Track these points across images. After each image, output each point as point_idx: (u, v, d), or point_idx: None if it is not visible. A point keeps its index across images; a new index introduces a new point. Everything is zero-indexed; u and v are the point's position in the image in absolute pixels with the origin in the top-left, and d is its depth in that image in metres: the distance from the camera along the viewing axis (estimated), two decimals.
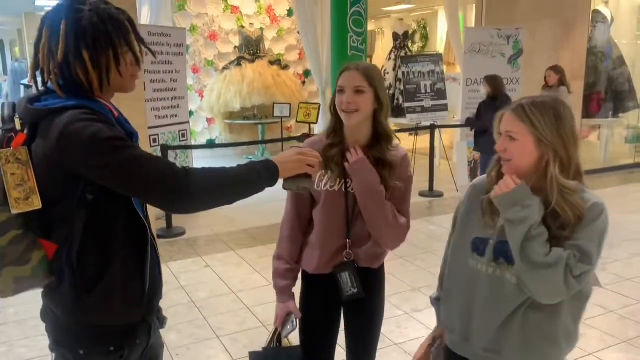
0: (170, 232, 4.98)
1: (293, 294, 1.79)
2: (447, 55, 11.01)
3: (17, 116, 1.25)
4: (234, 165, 1.31)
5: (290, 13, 8.93)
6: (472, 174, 6.29)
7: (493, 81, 5.54)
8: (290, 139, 7.45)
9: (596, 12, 7.67)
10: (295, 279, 1.81)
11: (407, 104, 7.14)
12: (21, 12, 13.76)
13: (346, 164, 1.64)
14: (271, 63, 8.57)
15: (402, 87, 8.13)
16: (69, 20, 1.21)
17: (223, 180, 1.27)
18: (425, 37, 12.65)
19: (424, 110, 7.04)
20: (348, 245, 1.70)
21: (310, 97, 8.95)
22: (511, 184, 1.31)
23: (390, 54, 9.70)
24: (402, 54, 9.23)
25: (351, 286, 1.69)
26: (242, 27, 8.73)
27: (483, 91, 5.54)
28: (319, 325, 1.81)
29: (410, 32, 11.19)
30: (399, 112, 8.81)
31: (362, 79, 1.61)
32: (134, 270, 1.33)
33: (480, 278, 1.40)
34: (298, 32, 8.25)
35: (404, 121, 7.99)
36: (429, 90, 7.10)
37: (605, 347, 2.91)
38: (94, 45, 1.23)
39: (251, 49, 8.55)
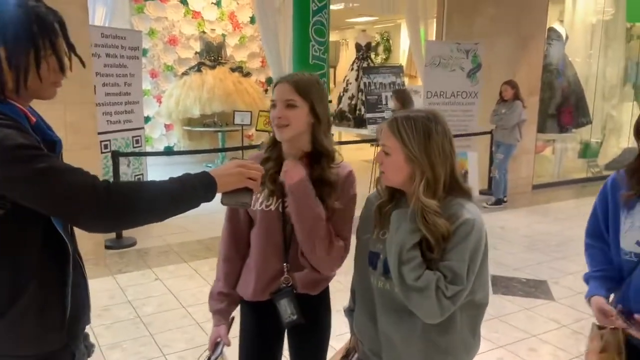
0: (120, 242, 4.76)
1: (228, 318, 1.69)
2: (409, 68, 11.14)
3: None
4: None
5: (252, 20, 8.83)
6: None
7: (402, 95, 5.58)
8: (250, 147, 7.32)
9: (551, 29, 7.89)
10: (233, 302, 1.70)
11: (368, 115, 7.14)
12: None
13: (283, 179, 1.54)
14: (232, 70, 8.43)
15: (363, 98, 8.14)
16: None
17: (153, 196, 1.16)
18: (388, 50, 12.79)
19: (385, 121, 7.05)
20: (286, 270, 1.59)
21: None
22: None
23: (352, 64, 9.73)
24: (365, 64, 9.26)
25: (290, 313, 1.59)
26: (204, 32, 8.57)
27: (391, 105, 5.63)
28: (257, 354, 1.71)
29: (373, 43, 11.28)
30: (361, 122, 8.81)
31: (294, 92, 1.52)
32: (52, 294, 1.19)
33: (376, 291, 1.43)
34: (260, 40, 8.16)
35: (365, 132, 7.99)
36: (389, 102, 7.12)
37: None
38: (14, 43, 1.12)
39: (212, 55, 8.39)
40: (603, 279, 1.54)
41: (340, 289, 1.93)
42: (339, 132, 9.84)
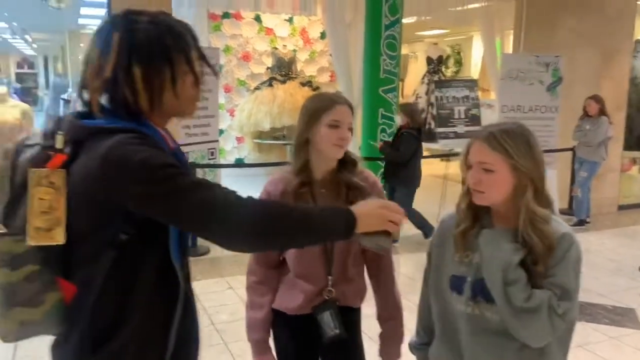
0: (194, 251, 4.93)
1: (270, 347, 1.68)
2: (482, 81, 10.85)
3: (60, 132, 1.07)
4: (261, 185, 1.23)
5: (323, 35, 8.95)
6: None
7: (409, 109, 5.31)
8: None
9: (638, 42, 7.43)
10: (269, 328, 1.68)
11: (439, 129, 6.99)
12: (64, 30, 14.27)
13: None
14: (302, 84, 8.57)
15: (434, 112, 8.00)
16: (123, 32, 1.06)
17: (292, 221, 1.09)
18: (459, 62, 12.52)
19: (457, 135, 6.87)
20: (330, 283, 1.58)
21: None
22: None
23: (423, 77, 9.62)
24: (436, 78, 9.11)
25: (333, 327, 1.55)
26: (276, 48, 8.79)
27: (398, 121, 5.38)
28: None
29: (444, 56, 11.09)
30: (432, 137, 8.66)
31: (351, 116, 1.59)
32: (154, 331, 1.12)
33: (462, 318, 1.34)
34: (330, 55, 8.25)
35: (435, 146, 7.84)
36: (462, 116, 6.94)
37: None
38: (149, 60, 1.06)
39: (283, 70, 8.58)
40: None
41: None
42: None
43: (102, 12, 8.88)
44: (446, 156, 6.85)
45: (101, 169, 1.01)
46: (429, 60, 9.70)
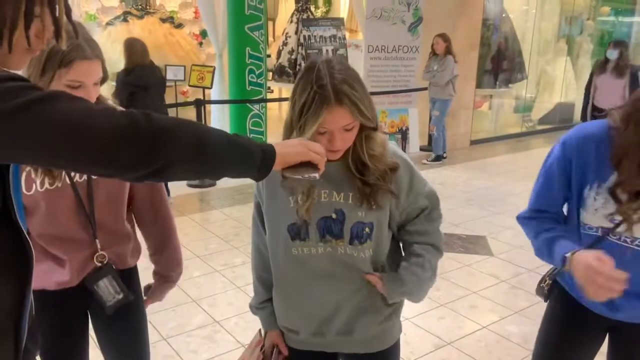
0: None
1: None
2: (350, 21, 10.86)
3: None
4: None
5: None
6: None
7: (129, 48, 4.46)
8: (185, 104, 6.91)
9: None
10: None
11: None
12: None
13: None
14: (163, 20, 7.87)
15: (303, 52, 7.86)
16: None
17: (207, 139, 0.85)
18: (328, 2, 12.40)
19: None
20: (99, 247, 1.38)
21: (208, 59, 8.38)
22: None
23: (292, 16, 9.34)
24: (304, 17, 8.91)
25: (115, 292, 1.40)
26: None
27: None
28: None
29: None
30: None
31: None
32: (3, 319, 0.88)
33: (311, 262, 1.29)
34: None
35: None
36: (330, 54, 6.90)
37: (499, 318, 2.95)
38: None
39: (139, 3, 7.77)
40: (569, 239, 1.33)
41: None
42: (278, 88, 9.54)
43: None
44: None
45: None
46: None
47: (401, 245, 1.40)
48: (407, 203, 1.31)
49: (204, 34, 8.59)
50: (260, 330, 1.51)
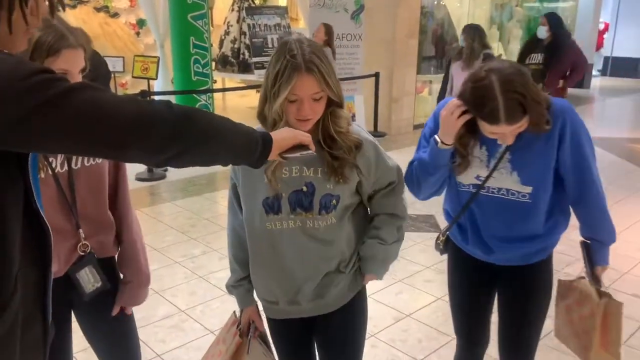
0: None
1: None
2: (291, 10, 10.86)
3: None
4: None
5: None
6: None
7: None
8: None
9: None
10: None
11: (254, 59, 6.88)
12: None
13: None
14: (97, 10, 7.57)
15: (247, 41, 7.81)
16: None
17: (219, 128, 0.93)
18: None
19: None
20: (82, 236, 1.40)
21: (146, 50, 8.15)
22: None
23: (233, 5, 9.23)
24: (246, 5, 8.83)
25: (94, 281, 1.42)
26: None
27: None
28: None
29: None
30: (246, 67, 8.49)
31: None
32: (33, 302, 0.90)
33: (283, 236, 1.38)
34: None
35: (252, 77, 7.73)
36: (276, 45, 6.91)
37: None
38: None
39: None
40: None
41: None
42: (222, 79, 9.43)
43: None
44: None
45: None
46: None
47: (369, 210, 1.52)
48: (376, 177, 1.42)
49: (140, 23, 8.34)
50: (234, 312, 1.58)
